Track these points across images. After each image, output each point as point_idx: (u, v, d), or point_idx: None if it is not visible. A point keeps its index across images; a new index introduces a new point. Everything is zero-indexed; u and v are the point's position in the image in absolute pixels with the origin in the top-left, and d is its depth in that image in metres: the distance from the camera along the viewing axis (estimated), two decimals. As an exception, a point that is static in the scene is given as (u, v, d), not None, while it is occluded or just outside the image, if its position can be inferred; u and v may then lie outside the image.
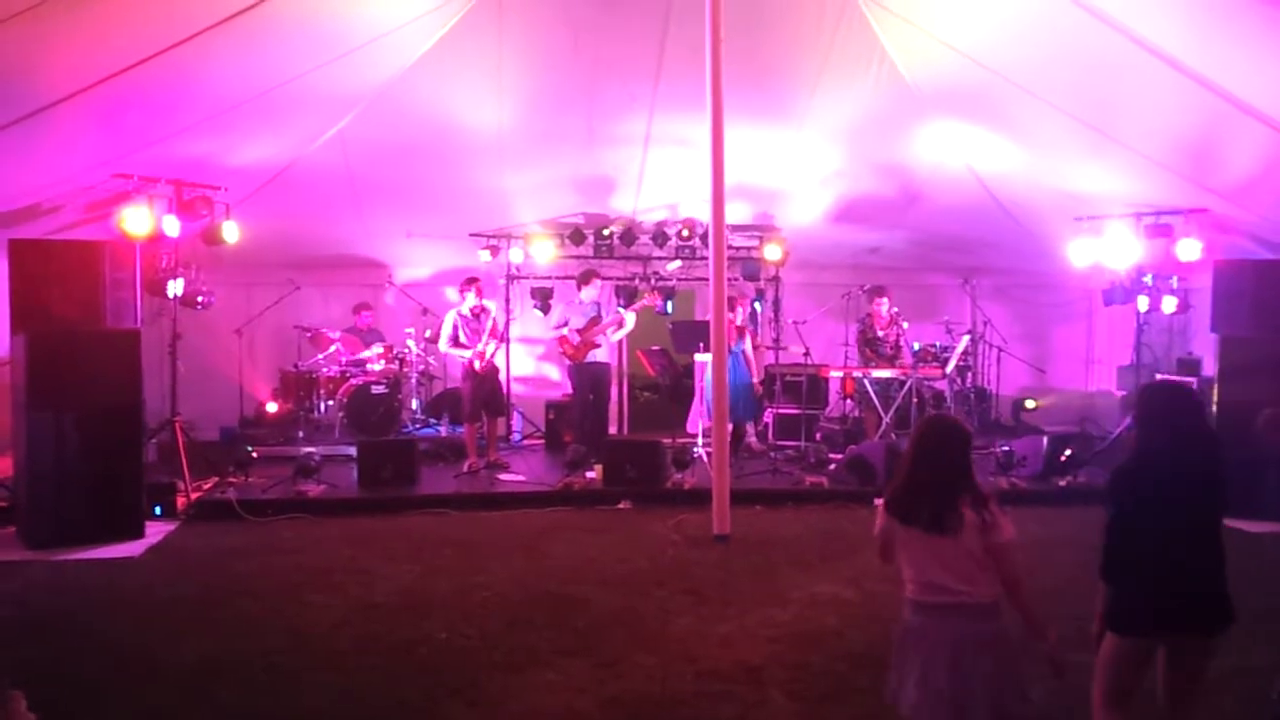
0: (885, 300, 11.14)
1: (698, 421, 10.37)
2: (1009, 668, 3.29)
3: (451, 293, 12.24)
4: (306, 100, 8.38)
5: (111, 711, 4.61)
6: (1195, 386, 9.36)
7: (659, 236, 11.51)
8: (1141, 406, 3.69)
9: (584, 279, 10.62)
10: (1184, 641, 3.49)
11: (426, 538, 7.73)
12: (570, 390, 11.05)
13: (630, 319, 10.73)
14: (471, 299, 9.98)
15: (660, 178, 10.76)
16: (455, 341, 9.97)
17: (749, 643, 5.45)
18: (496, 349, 10.07)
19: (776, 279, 12.24)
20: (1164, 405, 3.62)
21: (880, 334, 11.20)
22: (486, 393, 10.02)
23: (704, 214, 9.82)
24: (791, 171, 10.57)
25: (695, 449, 9.85)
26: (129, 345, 7.74)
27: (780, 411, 11.08)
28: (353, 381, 11.06)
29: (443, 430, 11.55)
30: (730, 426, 9.12)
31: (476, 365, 9.84)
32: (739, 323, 10.84)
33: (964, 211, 10.87)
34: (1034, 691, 3.43)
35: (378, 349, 11.24)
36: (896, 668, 3.44)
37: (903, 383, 10.85)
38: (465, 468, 9.87)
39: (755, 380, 11.00)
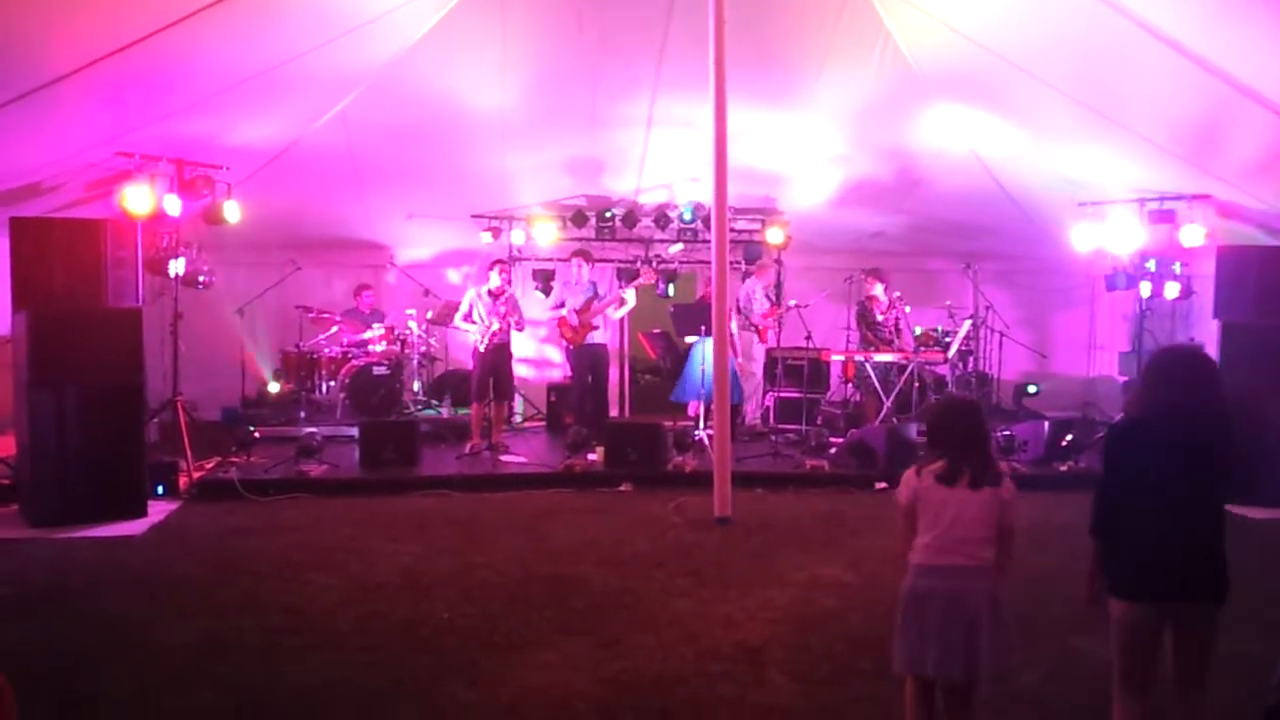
0: (881, 284, 11.14)
1: (698, 405, 10.36)
2: (1005, 625, 3.56)
3: (453, 274, 12.31)
4: (308, 79, 8.34)
5: (113, 688, 4.62)
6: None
7: (661, 219, 11.48)
8: (1152, 365, 3.63)
9: (573, 256, 10.64)
10: (1187, 609, 3.46)
11: (427, 518, 7.75)
12: (569, 373, 11.06)
13: (631, 296, 10.73)
14: (495, 279, 9.97)
15: (663, 160, 10.73)
16: (467, 318, 9.97)
17: (749, 624, 5.47)
18: (501, 328, 10.01)
19: (779, 262, 12.22)
20: (1176, 367, 3.54)
21: (879, 318, 11.20)
22: (492, 373, 10.00)
23: (706, 196, 9.79)
24: (794, 154, 10.53)
25: (696, 432, 9.86)
26: (130, 324, 7.74)
27: (781, 395, 11.08)
28: (354, 362, 11.06)
29: (444, 412, 11.55)
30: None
31: (480, 346, 9.83)
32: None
33: (967, 196, 10.83)
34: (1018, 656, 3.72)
35: (379, 330, 11.23)
36: (907, 634, 3.60)
37: (904, 367, 10.86)
38: (467, 449, 9.88)
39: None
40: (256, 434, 9.45)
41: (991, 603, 3.53)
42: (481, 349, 9.86)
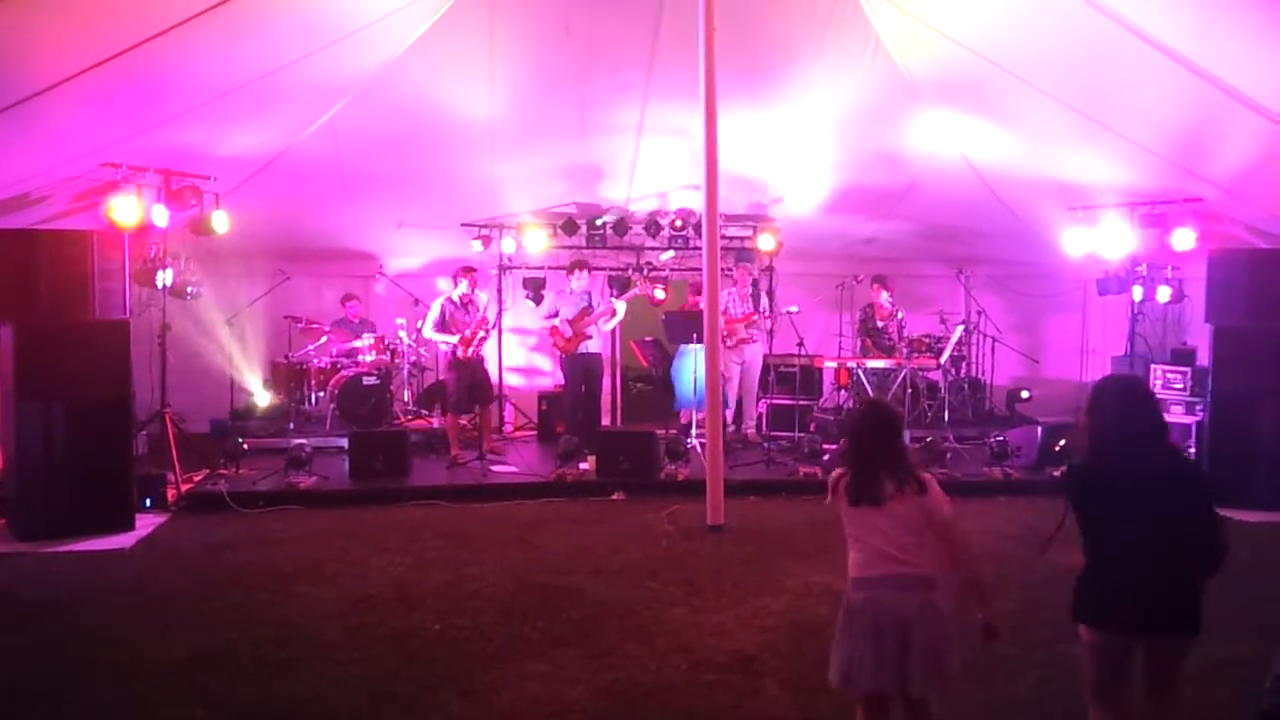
0: (887, 291, 11.14)
1: (690, 412, 10.34)
2: (945, 635, 3.46)
3: (444, 283, 12.20)
4: (296, 89, 8.29)
5: (101, 703, 4.58)
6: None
7: (652, 226, 11.45)
8: (1092, 403, 3.58)
9: (574, 268, 10.59)
10: (1154, 640, 3.44)
11: (418, 529, 7.69)
12: (562, 381, 11.02)
13: (621, 308, 10.71)
14: (464, 287, 9.93)
15: (653, 167, 10.70)
16: (440, 327, 9.91)
17: (743, 633, 5.44)
18: (484, 338, 9.98)
19: (770, 269, 12.20)
20: (1114, 401, 3.53)
21: (880, 324, 11.18)
22: (472, 382, 9.95)
23: (697, 203, 9.77)
24: (786, 161, 10.51)
25: (689, 440, 9.82)
26: (118, 336, 7.69)
27: (774, 402, 11.04)
28: (344, 373, 10.99)
29: (435, 421, 11.49)
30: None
31: (459, 352, 9.78)
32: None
33: (958, 201, 10.82)
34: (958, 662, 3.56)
35: (368, 340, 11.16)
36: (840, 647, 3.54)
37: (897, 373, 10.84)
38: (448, 462, 9.78)
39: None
40: (245, 446, 9.40)
41: (923, 607, 3.43)
42: (461, 354, 9.81)
